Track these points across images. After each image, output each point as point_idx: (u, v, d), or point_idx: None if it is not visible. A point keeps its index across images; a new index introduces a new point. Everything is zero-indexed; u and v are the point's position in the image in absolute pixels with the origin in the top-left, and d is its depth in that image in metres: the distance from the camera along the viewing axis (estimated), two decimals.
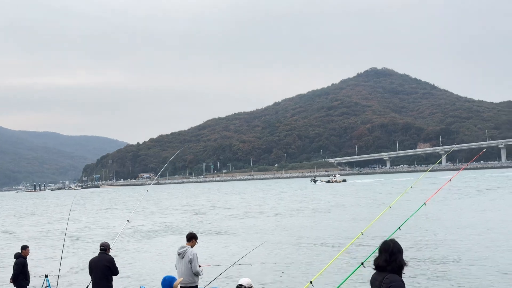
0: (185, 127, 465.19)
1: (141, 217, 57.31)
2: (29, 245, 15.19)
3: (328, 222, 41.76)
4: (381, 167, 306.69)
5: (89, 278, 12.64)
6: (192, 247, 12.43)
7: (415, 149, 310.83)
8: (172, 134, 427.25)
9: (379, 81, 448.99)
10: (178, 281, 9.57)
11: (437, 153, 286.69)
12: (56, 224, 55.25)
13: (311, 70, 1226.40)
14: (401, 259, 6.37)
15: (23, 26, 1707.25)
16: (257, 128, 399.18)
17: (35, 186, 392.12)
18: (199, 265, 12.31)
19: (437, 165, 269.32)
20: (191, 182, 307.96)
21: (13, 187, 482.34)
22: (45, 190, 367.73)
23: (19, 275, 14.41)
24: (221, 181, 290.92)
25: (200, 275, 12.34)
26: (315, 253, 25.88)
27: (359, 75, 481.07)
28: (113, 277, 12.50)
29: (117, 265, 12.61)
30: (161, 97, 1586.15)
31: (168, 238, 36.20)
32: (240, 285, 9.36)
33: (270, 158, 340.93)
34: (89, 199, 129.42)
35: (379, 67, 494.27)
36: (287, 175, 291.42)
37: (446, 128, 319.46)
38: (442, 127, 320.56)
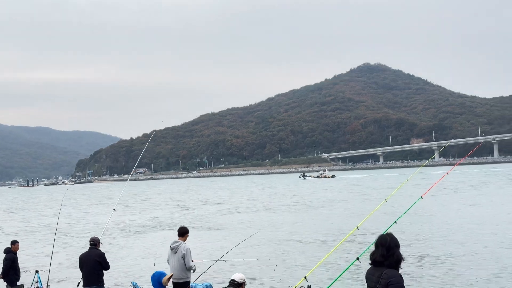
0: (178, 123, 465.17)
1: (132, 212, 57.03)
2: (18, 240, 14.95)
3: (321, 217, 41.53)
4: (374, 162, 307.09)
5: (80, 273, 12.46)
6: (184, 242, 12.33)
7: (408, 144, 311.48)
8: (165, 129, 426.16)
9: (372, 76, 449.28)
10: (166, 277, 9.45)
11: (430, 148, 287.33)
12: (46, 219, 54.93)
13: (305, 65, 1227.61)
14: (399, 253, 6.22)
15: (16, 21, 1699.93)
16: (250, 123, 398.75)
17: (28, 181, 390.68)
18: (192, 260, 12.19)
19: (430, 161, 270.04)
20: (185, 177, 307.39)
21: (6, 183, 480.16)
22: (38, 185, 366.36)
23: (9, 270, 14.19)
24: (215, 176, 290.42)
25: (193, 270, 12.23)
26: (309, 248, 25.59)
27: (352, 71, 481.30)
28: (104, 272, 12.33)
29: (108, 259, 12.45)
30: (154, 93, 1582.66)
31: (159, 233, 35.91)
32: (233, 281, 9.33)
33: (263, 153, 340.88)
34: (81, 194, 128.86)
35: (372, 62, 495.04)
36: (281, 170, 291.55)
37: (439, 123, 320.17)
38: (435, 123, 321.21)
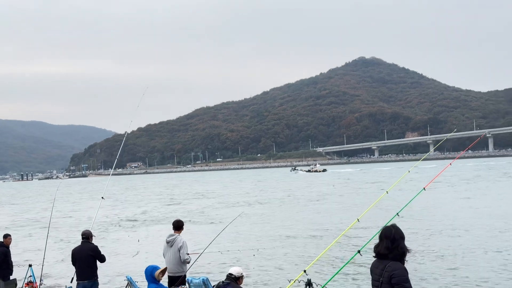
0: (173, 117, 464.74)
1: (123, 206, 56.75)
2: (10, 234, 14.67)
3: (319, 210, 41.25)
4: (369, 156, 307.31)
5: (73, 268, 12.19)
6: (180, 235, 12.16)
7: (403, 138, 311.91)
8: (160, 123, 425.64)
9: (367, 70, 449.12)
10: (159, 271, 9.26)
11: (425, 142, 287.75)
12: (36, 213, 54.64)
13: (300, 59, 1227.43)
14: (404, 245, 6.10)
15: (10, 15, 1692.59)
16: (245, 117, 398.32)
17: (22, 175, 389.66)
18: (188, 253, 12.00)
19: (425, 154, 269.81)
20: (180, 171, 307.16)
21: (0, 177, 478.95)
22: (32, 179, 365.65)
23: (1, 265, 13.92)
24: (210, 170, 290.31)
25: (188, 262, 12.02)
26: (308, 241, 25.23)
27: (347, 65, 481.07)
28: (99, 266, 12.09)
29: (102, 252, 12.21)
30: (149, 86, 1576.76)
31: (151, 227, 35.68)
32: (230, 274, 9.22)
33: (258, 147, 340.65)
34: (74, 187, 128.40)
35: (367, 56, 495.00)
36: (276, 164, 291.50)
37: (434, 117, 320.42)
38: (430, 117, 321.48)
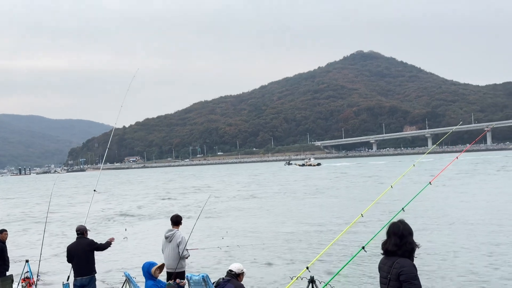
0: (171, 111, 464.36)
1: (118, 201, 56.42)
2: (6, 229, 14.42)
3: (318, 204, 40.86)
4: (367, 150, 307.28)
5: (68, 264, 11.96)
6: (179, 230, 11.96)
7: (401, 132, 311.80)
8: (158, 117, 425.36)
9: (365, 64, 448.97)
10: (156, 267, 9.08)
11: (423, 136, 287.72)
12: (34, 207, 54.43)
13: (298, 53, 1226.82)
14: (413, 241, 5.97)
15: (5, 8, 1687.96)
16: (243, 111, 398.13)
17: (20, 170, 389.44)
18: (186, 249, 11.79)
19: (423, 148, 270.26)
20: (178, 165, 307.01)
21: None
22: (30, 174, 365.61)
23: None
24: (208, 164, 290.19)
25: (186, 257, 11.82)
26: (310, 237, 24.72)
27: (345, 58, 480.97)
28: (96, 260, 11.87)
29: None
30: (147, 81, 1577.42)
31: (151, 222, 35.44)
32: (230, 271, 9.08)
33: (256, 141, 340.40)
34: (71, 182, 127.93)
35: (366, 50, 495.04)
36: (274, 158, 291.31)
37: (432, 111, 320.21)
38: (428, 110, 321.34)
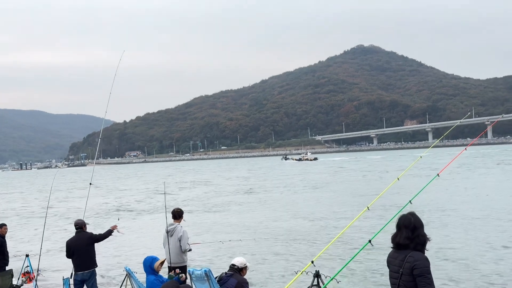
0: (172, 105, 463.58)
1: (119, 195, 56.30)
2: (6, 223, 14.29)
3: (321, 199, 40.49)
4: (368, 144, 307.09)
5: (67, 260, 11.81)
6: (180, 224, 11.81)
7: (402, 126, 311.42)
8: (158, 112, 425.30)
9: (365, 58, 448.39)
10: (159, 262, 8.97)
11: (424, 130, 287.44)
12: (32, 201, 54.37)
13: (298, 47, 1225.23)
14: (424, 234, 5.85)
15: (7, 4, 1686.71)
16: (244, 105, 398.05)
17: (21, 165, 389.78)
18: (189, 244, 11.64)
19: (424, 142, 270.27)
20: (178, 160, 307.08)
21: None
22: (31, 168, 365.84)
23: None
24: (208, 159, 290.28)
25: (188, 250, 11.66)
26: (315, 230, 24.30)
27: (346, 53, 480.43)
28: (96, 255, 11.75)
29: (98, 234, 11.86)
30: (147, 75, 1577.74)
31: (150, 216, 35.21)
32: (233, 265, 8.99)
33: (257, 135, 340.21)
34: (71, 177, 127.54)
35: (366, 44, 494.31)
36: (275, 153, 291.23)
37: (432, 105, 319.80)
38: (428, 104, 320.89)
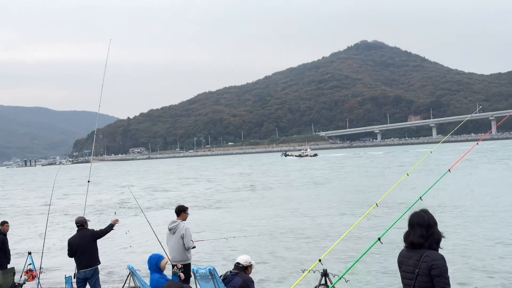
0: (175, 102, 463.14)
1: (123, 192, 56.22)
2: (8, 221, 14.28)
3: (325, 195, 40.08)
4: (372, 140, 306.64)
5: (68, 258, 11.73)
6: (184, 221, 11.72)
7: (405, 121, 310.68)
8: (162, 108, 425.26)
9: (369, 54, 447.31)
10: (165, 260, 8.95)
11: (428, 125, 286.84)
12: (35, 198, 54.39)
13: (302, 43, 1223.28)
14: (438, 231, 5.68)
15: (12, 1, 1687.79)
16: (248, 102, 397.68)
17: (26, 161, 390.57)
18: (192, 240, 11.56)
19: (428, 138, 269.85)
20: (182, 156, 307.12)
21: (4, 163, 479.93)
22: (35, 165, 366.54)
23: None
24: (212, 155, 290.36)
25: (192, 247, 11.59)
26: (321, 228, 23.70)
27: (349, 48, 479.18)
28: (99, 254, 11.73)
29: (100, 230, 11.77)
30: (151, 72, 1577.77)
31: (153, 213, 34.84)
32: (237, 263, 8.97)
33: (261, 131, 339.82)
34: (74, 173, 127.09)
35: (370, 40, 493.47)
36: (278, 149, 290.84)
37: (436, 100, 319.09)
38: (432, 100, 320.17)
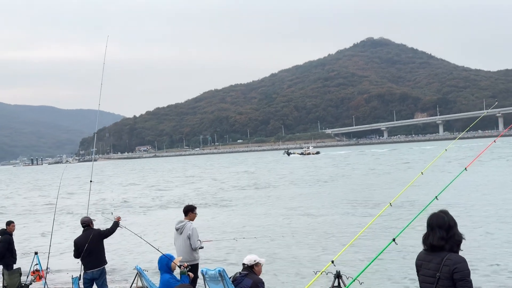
0: (181, 100, 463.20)
1: (133, 190, 56.17)
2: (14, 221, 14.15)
3: (332, 193, 39.46)
4: (378, 137, 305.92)
5: (74, 259, 11.58)
6: (191, 221, 11.47)
7: (412, 119, 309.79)
8: (168, 106, 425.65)
9: (375, 51, 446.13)
10: (177, 260, 8.77)
11: (435, 122, 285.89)
12: (37, 198, 54.37)
13: (308, 41, 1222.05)
14: (460, 233, 5.47)
15: (19, 1, 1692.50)
16: (253, 99, 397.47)
17: (32, 160, 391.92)
18: (199, 240, 11.31)
19: (435, 135, 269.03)
20: (188, 154, 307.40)
21: (11, 162, 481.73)
22: (42, 164, 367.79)
23: (5, 253, 13.41)
24: (218, 153, 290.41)
25: (200, 247, 11.35)
26: (332, 228, 23.01)
27: (355, 46, 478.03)
28: (106, 255, 11.55)
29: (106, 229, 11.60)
30: (156, 70, 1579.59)
31: (161, 212, 34.81)
32: (243, 264, 8.83)
33: (267, 129, 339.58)
34: (79, 172, 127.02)
35: (376, 37, 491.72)
36: (285, 146, 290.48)
37: (443, 97, 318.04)
38: (439, 97, 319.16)
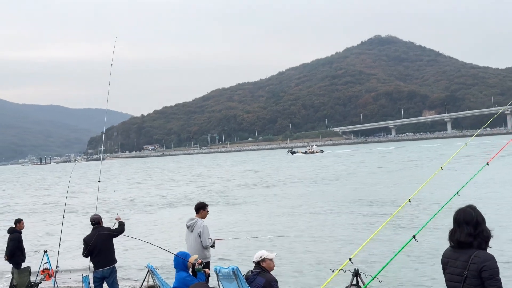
0: (189, 98, 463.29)
1: (138, 189, 56.06)
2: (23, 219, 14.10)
3: (343, 191, 38.90)
4: (386, 135, 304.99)
5: (84, 257, 11.49)
6: (203, 219, 11.30)
7: (420, 116, 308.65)
8: (176, 105, 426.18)
9: (383, 49, 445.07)
10: (194, 257, 8.67)
11: (443, 120, 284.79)
12: (44, 197, 54.42)
13: (315, 39, 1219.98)
14: (488, 229, 5.21)
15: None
16: (261, 98, 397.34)
17: (41, 159, 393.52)
18: (210, 239, 11.11)
19: (443, 133, 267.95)
20: (196, 153, 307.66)
21: (19, 161, 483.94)
22: (50, 163, 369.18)
23: (15, 251, 13.35)
24: (226, 152, 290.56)
25: (211, 247, 11.16)
26: (347, 225, 22.71)
27: (363, 43, 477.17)
28: (116, 253, 11.46)
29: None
30: (164, 69, 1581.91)
31: (172, 210, 34.69)
32: (253, 262, 8.72)
33: (275, 128, 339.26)
34: (86, 171, 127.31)
35: (383, 34, 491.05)
36: (292, 145, 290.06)
37: (451, 95, 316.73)
38: (447, 94, 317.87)
